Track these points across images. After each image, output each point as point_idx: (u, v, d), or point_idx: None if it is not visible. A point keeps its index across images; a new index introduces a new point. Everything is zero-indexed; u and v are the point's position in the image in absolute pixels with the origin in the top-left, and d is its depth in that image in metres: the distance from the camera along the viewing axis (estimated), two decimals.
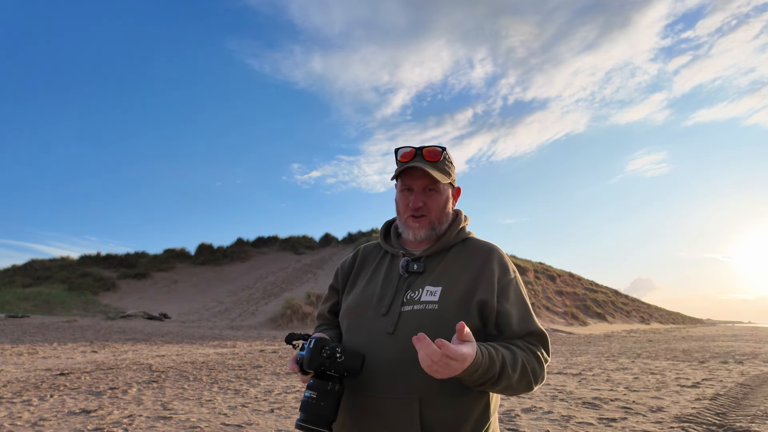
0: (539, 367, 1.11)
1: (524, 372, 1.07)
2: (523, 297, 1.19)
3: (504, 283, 1.18)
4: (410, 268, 1.22)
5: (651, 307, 48.38)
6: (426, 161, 1.21)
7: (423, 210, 1.23)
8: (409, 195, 1.24)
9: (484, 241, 1.28)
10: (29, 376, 7.00)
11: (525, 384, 1.09)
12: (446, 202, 1.26)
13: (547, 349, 1.16)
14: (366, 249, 1.39)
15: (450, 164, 1.27)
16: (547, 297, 31.05)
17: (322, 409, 1.03)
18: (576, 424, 4.49)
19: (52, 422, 4.30)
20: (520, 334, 1.14)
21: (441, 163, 1.23)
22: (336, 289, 1.39)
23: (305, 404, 1.04)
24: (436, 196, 1.24)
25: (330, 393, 1.05)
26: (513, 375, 1.05)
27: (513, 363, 1.06)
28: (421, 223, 1.23)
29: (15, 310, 20.19)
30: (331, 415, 1.04)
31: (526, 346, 1.12)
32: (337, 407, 1.06)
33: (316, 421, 1.02)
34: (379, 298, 1.21)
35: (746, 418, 4.62)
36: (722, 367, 9.11)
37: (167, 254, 34.76)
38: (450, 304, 1.14)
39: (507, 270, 1.21)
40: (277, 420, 4.55)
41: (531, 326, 1.15)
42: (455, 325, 1.11)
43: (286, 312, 21.10)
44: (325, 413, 1.03)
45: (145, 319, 20.69)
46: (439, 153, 1.22)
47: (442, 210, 1.25)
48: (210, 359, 9.62)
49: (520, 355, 1.09)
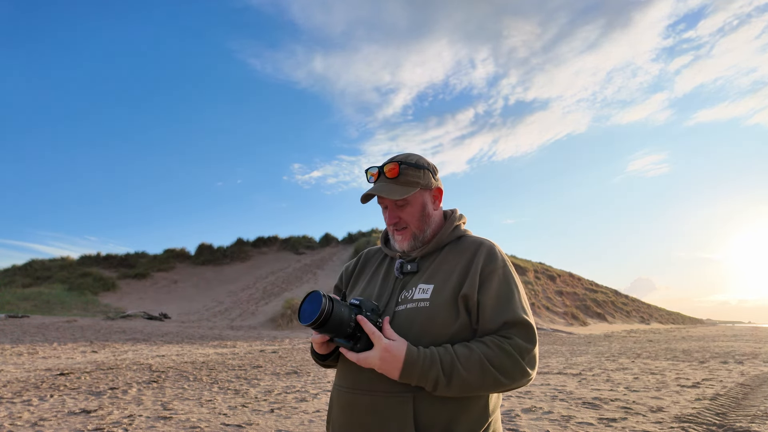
0: (510, 362, 1.06)
1: (484, 369, 1.05)
2: (508, 286, 1.16)
3: (486, 274, 1.17)
4: (404, 269, 1.26)
5: (651, 307, 48.38)
6: (387, 179, 1.25)
7: (401, 223, 1.27)
8: (386, 211, 1.29)
9: (477, 237, 1.29)
10: (29, 376, 7.00)
11: (491, 381, 1.06)
12: (422, 209, 1.27)
13: (528, 338, 1.10)
14: (369, 252, 1.45)
15: (416, 171, 1.26)
16: (547, 297, 31.05)
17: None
18: (576, 424, 4.49)
19: (52, 422, 4.30)
20: (493, 325, 1.12)
21: (402, 176, 1.25)
22: (340, 289, 1.45)
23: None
24: (408, 209, 1.26)
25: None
26: (468, 374, 1.04)
27: (467, 360, 1.05)
28: (403, 235, 1.27)
29: (15, 310, 20.20)
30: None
31: (493, 341, 1.08)
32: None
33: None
34: (377, 297, 1.26)
35: (746, 418, 4.62)
36: (722, 367, 9.11)
37: (167, 254, 34.77)
38: (441, 301, 1.15)
39: (492, 261, 1.19)
40: (277, 420, 4.55)
41: (507, 316, 1.11)
42: (446, 321, 1.14)
43: (286, 312, 21.10)
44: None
45: (145, 319, 20.70)
46: (396, 169, 1.24)
47: (419, 218, 1.27)
48: (210, 359, 9.62)
49: (480, 350, 1.06)
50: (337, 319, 1.04)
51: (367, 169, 1.31)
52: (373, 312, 1.11)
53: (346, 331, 1.07)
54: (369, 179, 1.31)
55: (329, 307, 1.02)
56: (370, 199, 1.27)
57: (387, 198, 1.24)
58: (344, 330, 1.06)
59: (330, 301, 1.03)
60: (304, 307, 1.05)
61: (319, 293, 1.03)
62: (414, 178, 1.25)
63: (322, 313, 1.01)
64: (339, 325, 1.05)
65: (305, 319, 1.03)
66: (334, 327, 1.05)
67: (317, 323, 1.02)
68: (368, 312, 1.10)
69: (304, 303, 1.06)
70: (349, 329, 1.07)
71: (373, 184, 1.29)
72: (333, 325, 1.04)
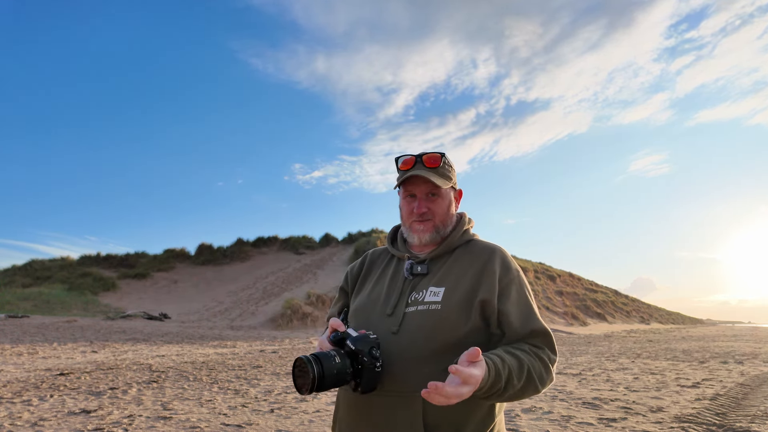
0: (545, 371, 1.11)
1: (530, 378, 1.07)
2: (525, 296, 1.19)
3: (505, 283, 1.19)
4: (414, 270, 1.25)
5: (651, 307, 48.39)
6: (426, 168, 1.24)
7: (428, 215, 1.26)
8: (413, 201, 1.28)
9: (487, 242, 1.30)
10: (29, 376, 7.01)
11: (531, 389, 1.09)
12: (449, 205, 1.29)
13: (553, 348, 1.15)
14: (374, 253, 1.44)
15: (450, 168, 1.29)
16: (547, 297, 31.05)
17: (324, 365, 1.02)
18: (576, 424, 4.49)
19: (52, 422, 4.30)
20: (522, 333, 1.14)
21: (441, 168, 1.26)
22: (345, 291, 1.44)
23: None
24: (439, 201, 1.27)
25: (335, 360, 1.04)
26: (518, 384, 1.06)
27: (519, 371, 1.06)
28: (425, 226, 1.26)
29: (15, 310, 20.20)
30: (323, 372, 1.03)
31: (531, 350, 1.11)
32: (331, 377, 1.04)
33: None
34: (385, 299, 1.25)
35: (746, 418, 4.62)
36: (722, 367, 9.11)
37: (167, 254, 34.76)
38: (452, 304, 1.15)
39: (509, 269, 1.21)
40: (277, 420, 4.55)
41: (533, 325, 1.15)
42: (457, 324, 1.13)
43: (286, 312, 21.10)
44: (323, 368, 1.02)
45: (145, 319, 20.70)
46: (439, 159, 1.25)
47: (445, 213, 1.28)
48: (210, 359, 9.62)
49: (526, 361, 1.08)
50: (330, 376, 1.02)
51: (398, 156, 1.29)
52: (372, 352, 1.07)
53: (346, 379, 1.05)
54: (400, 166, 1.28)
55: (318, 371, 1.00)
56: (407, 182, 1.26)
57: (430, 183, 1.24)
58: (345, 378, 1.05)
59: (318, 363, 1.01)
60: (294, 375, 1.03)
61: (303, 360, 1.01)
62: (450, 173, 1.28)
63: (313, 383, 0.99)
64: (338, 377, 1.03)
65: (302, 391, 1.01)
66: (333, 382, 1.03)
67: (312, 390, 1.00)
68: (367, 353, 1.06)
69: (293, 371, 1.04)
70: (349, 376, 1.05)
71: (404, 171, 1.26)
72: (331, 381, 1.02)
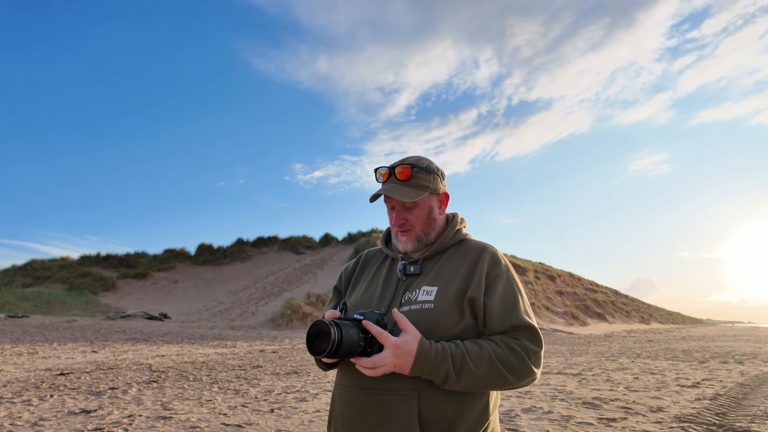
0: (518, 361, 1.10)
1: (493, 365, 1.07)
2: (513, 292, 1.19)
3: (491, 278, 1.20)
4: (407, 270, 1.27)
5: (651, 307, 48.42)
6: (398, 181, 1.26)
7: (406, 225, 1.28)
8: (393, 212, 1.30)
9: (479, 242, 1.31)
10: (29, 376, 7.01)
11: (498, 378, 1.08)
12: (429, 213, 1.29)
13: (534, 341, 1.14)
14: (369, 253, 1.46)
15: (426, 176, 1.28)
16: (547, 297, 31.06)
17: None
18: (576, 424, 4.49)
19: (52, 422, 4.30)
20: (501, 328, 1.15)
21: (413, 179, 1.26)
22: (339, 290, 1.45)
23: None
24: (416, 211, 1.28)
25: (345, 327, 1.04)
26: (477, 369, 1.06)
27: (477, 357, 1.07)
28: (407, 236, 1.28)
29: (15, 310, 20.20)
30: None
31: (501, 340, 1.12)
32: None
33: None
34: (379, 298, 1.27)
35: (746, 418, 4.62)
36: (722, 367, 9.11)
37: (167, 254, 34.78)
38: (445, 303, 1.17)
39: (496, 266, 1.22)
40: (277, 420, 4.55)
41: (514, 320, 1.14)
42: (450, 322, 1.15)
43: (286, 312, 21.11)
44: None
45: (145, 319, 20.71)
46: (409, 171, 1.26)
47: (425, 222, 1.29)
48: (210, 359, 9.62)
49: (489, 348, 1.09)
50: (347, 343, 1.03)
51: (376, 168, 1.32)
52: (377, 324, 1.10)
53: (357, 350, 1.06)
54: (378, 179, 1.31)
55: (338, 336, 1.01)
56: (378, 198, 1.29)
57: (396, 200, 1.26)
58: (355, 350, 1.06)
59: (338, 328, 1.02)
60: (311, 338, 1.03)
61: (325, 322, 1.02)
62: (424, 181, 1.27)
63: (333, 344, 1.00)
64: (350, 348, 1.04)
65: (317, 352, 1.01)
66: (346, 351, 1.04)
67: (329, 353, 1.01)
68: (375, 322, 1.09)
69: (311, 334, 1.04)
70: (360, 348, 1.06)
71: (381, 183, 1.30)
72: (344, 351, 1.03)
